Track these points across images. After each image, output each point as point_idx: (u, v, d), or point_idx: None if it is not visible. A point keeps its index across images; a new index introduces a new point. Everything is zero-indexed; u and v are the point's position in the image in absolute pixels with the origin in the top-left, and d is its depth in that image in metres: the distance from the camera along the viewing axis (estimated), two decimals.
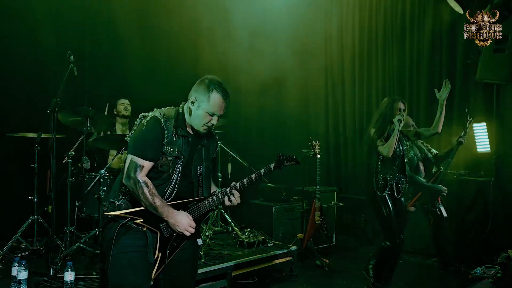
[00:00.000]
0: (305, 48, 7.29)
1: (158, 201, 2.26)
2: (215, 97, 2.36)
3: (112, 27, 5.83)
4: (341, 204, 5.82)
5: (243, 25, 6.92)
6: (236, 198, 2.45)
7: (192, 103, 2.39)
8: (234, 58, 6.73)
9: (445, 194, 4.46)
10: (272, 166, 2.45)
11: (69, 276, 3.22)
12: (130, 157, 2.31)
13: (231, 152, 5.25)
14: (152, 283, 2.38)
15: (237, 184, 2.45)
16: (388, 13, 6.47)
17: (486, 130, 5.17)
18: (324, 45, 7.43)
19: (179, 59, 6.33)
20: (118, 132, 5.00)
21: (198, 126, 2.41)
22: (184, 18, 6.36)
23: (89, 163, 4.42)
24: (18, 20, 5.03)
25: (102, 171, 4.28)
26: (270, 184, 5.67)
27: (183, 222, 2.30)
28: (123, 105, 5.09)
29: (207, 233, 4.72)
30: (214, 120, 2.40)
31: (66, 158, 4.33)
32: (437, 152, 4.79)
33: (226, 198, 2.44)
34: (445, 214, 4.52)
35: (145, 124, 2.34)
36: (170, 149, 2.34)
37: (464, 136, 4.56)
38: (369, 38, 6.79)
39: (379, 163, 3.84)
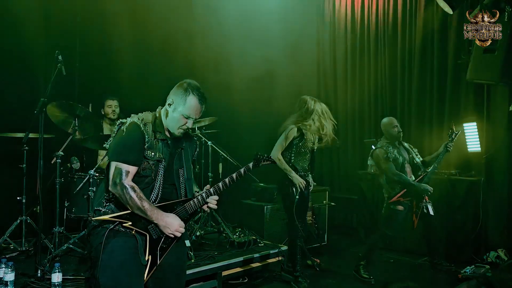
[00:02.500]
0: (297, 47, 7.29)
1: (146, 205, 2.27)
2: (192, 100, 2.40)
3: (103, 25, 5.78)
4: (332, 203, 5.81)
5: (235, 24, 6.91)
6: (212, 203, 2.48)
7: (169, 105, 2.43)
8: (226, 58, 6.72)
9: (430, 193, 4.46)
10: (250, 165, 2.52)
11: (57, 277, 3.20)
12: (114, 164, 2.31)
13: (222, 152, 5.23)
14: None
15: (211, 190, 2.47)
16: (380, 13, 6.50)
17: (476, 130, 5.20)
18: (316, 44, 7.45)
19: (170, 59, 6.30)
20: (106, 132, 4.95)
21: (173, 129, 2.43)
22: (177, 18, 6.33)
23: (79, 163, 4.40)
24: (6, 18, 4.96)
25: (92, 172, 4.25)
26: (262, 184, 5.65)
27: (174, 223, 2.32)
28: (111, 108, 4.98)
29: (198, 233, 4.70)
30: (190, 123, 2.43)
31: (54, 159, 4.28)
32: (423, 159, 4.77)
33: (204, 206, 2.48)
34: (431, 213, 4.51)
35: (124, 130, 2.35)
36: (151, 153, 2.36)
37: (451, 143, 4.56)
38: (361, 38, 6.82)
39: (293, 155, 4.18)
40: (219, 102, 5.53)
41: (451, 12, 4.65)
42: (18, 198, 4.30)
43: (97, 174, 4.28)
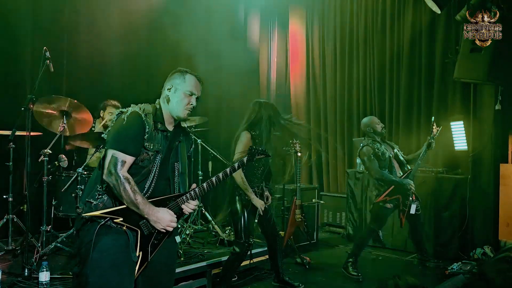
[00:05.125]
0: (287, 47, 7.32)
1: (139, 198, 2.22)
2: (190, 77, 2.44)
3: (91, 22, 5.73)
4: (321, 201, 5.84)
5: (225, 22, 6.91)
6: (189, 206, 2.41)
7: (169, 89, 2.42)
8: (215, 56, 6.70)
9: (412, 188, 4.48)
10: (245, 159, 2.50)
11: (44, 276, 3.17)
12: (111, 152, 2.25)
13: (211, 150, 5.23)
14: None
15: (204, 185, 2.43)
16: (369, 12, 6.54)
17: (463, 129, 5.26)
18: (306, 43, 7.47)
19: (160, 57, 6.27)
20: (98, 130, 4.90)
21: (178, 111, 2.40)
22: (166, 18, 6.30)
23: (66, 161, 4.35)
24: None
25: (80, 170, 4.21)
26: None
27: (165, 218, 2.27)
28: (112, 116, 4.92)
29: (187, 232, 4.69)
30: (193, 101, 2.42)
31: (42, 156, 4.23)
32: (407, 157, 4.79)
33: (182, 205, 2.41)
34: (412, 211, 4.53)
35: (125, 118, 2.29)
36: (150, 144, 2.32)
37: (432, 139, 4.58)
38: (350, 37, 6.86)
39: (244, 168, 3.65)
40: (209, 100, 5.52)
41: (439, 12, 4.71)
42: (4, 196, 4.23)
43: (85, 172, 4.25)
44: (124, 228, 2.24)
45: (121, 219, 2.23)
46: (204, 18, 6.65)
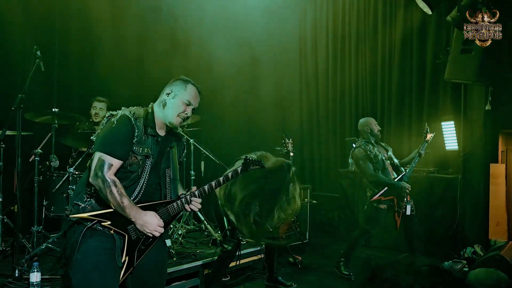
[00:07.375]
0: (279, 47, 7.33)
1: (126, 201, 2.20)
2: (192, 88, 2.44)
3: (82, 21, 5.69)
4: (314, 201, 5.85)
5: (218, 24, 6.89)
6: (196, 205, 2.42)
7: (168, 94, 2.41)
8: (209, 56, 6.69)
9: (408, 190, 4.50)
10: (239, 169, 2.46)
11: (35, 277, 3.13)
12: (98, 154, 2.23)
13: (204, 150, 5.21)
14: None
15: (196, 192, 2.42)
16: (361, 13, 6.58)
17: (454, 129, 5.31)
18: (298, 44, 7.50)
19: (151, 57, 6.24)
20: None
21: (172, 117, 2.38)
22: (158, 16, 6.28)
23: (58, 161, 4.31)
24: None
25: (71, 170, 4.18)
26: None
27: (152, 222, 2.25)
28: (95, 110, 4.90)
29: (179, 232, 4.67)
30: (189, 111, 2.41)
31: (33, 156, 4.19)
32: (400, 161, 4.80)
33: (187, 206, 2.41)
34: (408, 212, 4.54)
35: (115, 121, 2.27)
36: (139, 148, 2.30)
37: (423, 149, 4.61)
38: (342, 38, 6.89)
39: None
40: (201, 100, 5.50)
41: (430, 13, 4.73)
42: None
43: (76, 172, 4.22)
44: (111, 232, 2.22)
45: (109, 222, 2.21)
46: (198, 19, 6.64)
